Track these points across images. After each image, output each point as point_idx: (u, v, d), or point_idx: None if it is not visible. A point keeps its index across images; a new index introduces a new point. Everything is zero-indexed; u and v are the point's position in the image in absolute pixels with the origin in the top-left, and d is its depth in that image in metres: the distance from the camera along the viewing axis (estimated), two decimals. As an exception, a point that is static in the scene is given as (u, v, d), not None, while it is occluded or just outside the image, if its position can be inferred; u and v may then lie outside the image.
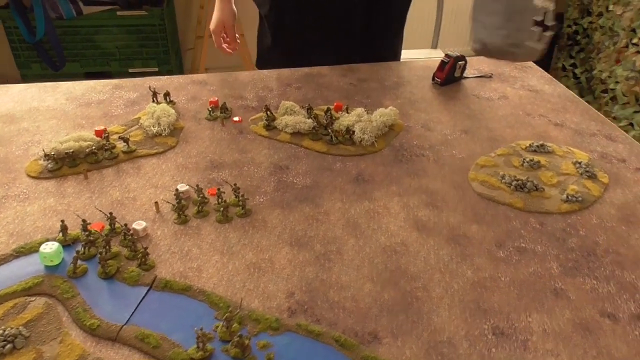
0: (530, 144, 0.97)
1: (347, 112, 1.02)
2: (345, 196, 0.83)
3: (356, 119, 0.98)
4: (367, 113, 1.00)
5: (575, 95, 1.18)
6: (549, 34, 0.91)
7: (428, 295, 0.67)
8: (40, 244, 0.70)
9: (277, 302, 0.65)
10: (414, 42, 2.95)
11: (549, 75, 1.27)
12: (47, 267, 0.69)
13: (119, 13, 2.20)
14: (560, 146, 0.98)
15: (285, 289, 0.67)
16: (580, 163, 0.92)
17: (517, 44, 0.89)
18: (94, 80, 1.16)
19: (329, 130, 0.96)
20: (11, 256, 0.70)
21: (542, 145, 0.97)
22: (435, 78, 1.19)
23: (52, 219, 0.77)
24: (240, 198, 0.79)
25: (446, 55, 1.18)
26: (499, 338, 0.61)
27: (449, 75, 1.18)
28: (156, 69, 2.36)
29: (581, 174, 0.90)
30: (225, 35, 1.37)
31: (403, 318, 0.63)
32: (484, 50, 0.90)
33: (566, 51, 2.94)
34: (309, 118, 0.99)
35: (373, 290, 0.67)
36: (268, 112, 1.01)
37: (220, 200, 0.79)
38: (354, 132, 0.95)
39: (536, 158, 0.93)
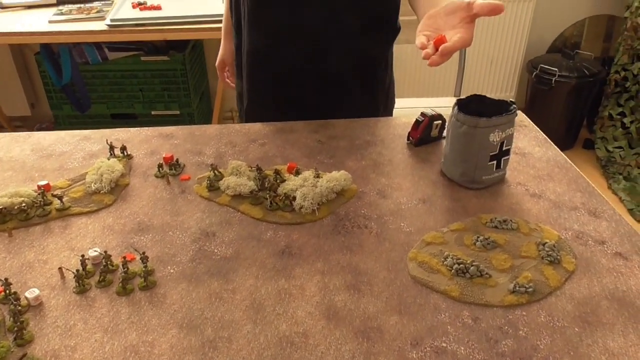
0: (492, 219, 0.87)
1: (296, 175, 0.96)
2: (262, 272, 0.77)
3: (301, 184, 0.91)
4: (316, 177, 0.94)
5: (568, 160, 1.06)
6: (507, 158, 0.96)
7: (308, 402, 0.58)
8: None
9: (138, 396, 0.59)
10: (437, 91, 2.86)
11: (544, 136, 1.15)
12: None
13: (142, 58, 2.28)
14: (528, 222, 0.87)
15: (153, 381, 0.61)
16: (544, 244, 0.81)
17: (473, 180, 0.95)
18: (65, 131, 1.16)
19: (268, 195, 0.90)
20: None
21: (505, 220, 0.86)
22: (410, 137, 1.11)
23: (-42, 280, 0.75)
24: (145, 269, 0.75)
25: (421, 113, 1.10)
26: None
27: (423, 135, 1.09)
28: (177, 112, 2.41)
29: (542, 257, 0.79)
30: (228, 71, 1.45)
31: None
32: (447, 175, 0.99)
33: (614, 99, 2.74)
34: (255, 179, 0.94)
35: (248, 391, 0.59)
36: (215, 172, 0.97)
37: (124, 269, 0.74)
38: (294, 197, 0.89)
39: (494, 236, 0.83)
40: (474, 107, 0.95)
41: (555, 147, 1.11)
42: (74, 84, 2.21)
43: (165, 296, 0.72)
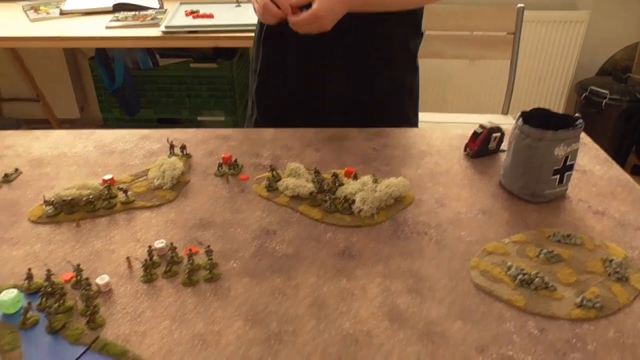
0: (554, 233, 0.85)
1: (354, 179, 0.96)
2: (323, 271, 0.77)
3: (359, 188, 0.92)
4: (374, 182, 0.94)
5: (631, 179, 1.03)
6: (570, 173, 0.95)
7: (375, 401, 0.58)
8: (6, 290, 0.70)
9: (207, 383, 0.60)
10: (483, 107, 2.83)
11: (605, 155, 1.13)
12: (4, 314, 0.69)
13: (192, 65, 2.34)
14: (593, 238, 0.85)
15: (221, 370, 0.61)
16: (611, 261, 0.79)
17: (534, 193, 0.94)
18: (126, 130, 1.20)
19: (327, 197, 0.91)
20: (-23, 301, 0.71)
21: (569, 235, 0.85)
22: (467, 149, 1.10)
23: (32, 264, 0.78)
24: (209, 262, 0.76)
25: (480, 125, 1.09)
26: None
27: (481, 147, 1.08)
28: (222, 119, 2.46)
29: (609, 274, 0.77)
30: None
31: None
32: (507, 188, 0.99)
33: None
34: (313, 182, 0.95)
35: (315, 386, 0.60)
36: (273, 173, 0.98)
37: (190, 261, 0.76)
38: (353, 201, 0.89)
39: (557, 250, 0.81)
40: (537, 120, 0.94)
41: (618, 166, 1.08)
42: (125, 88, 2.29)
43: (229, 289, 0.74)
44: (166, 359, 0.63)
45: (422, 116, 2.30)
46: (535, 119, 0.95)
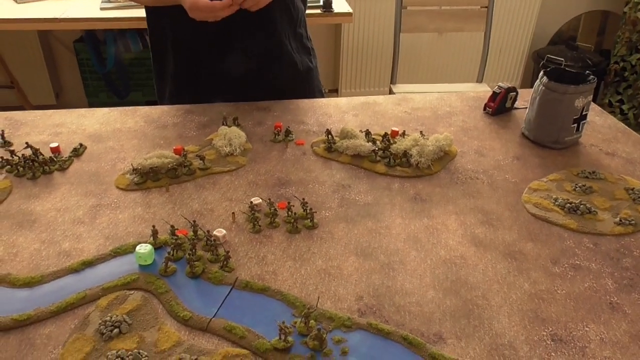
0: (582, 171, 1.01)
1: (404, 137, 1.09)
2: (404, 213, 0.89)
3: (413, 143, 1.04)
4: (423, 138, 1.07)
5: (627, 127, 1.22)
6: (585, 122, 1.10)
7: (488, 304, 0.71)
8: (134, 246, 0.78)
9: (347, 304, 0.71)
10: (460, 76, 3.02)
11: (599, 107, 1.31)
12: (141, 266, 0.77)
13: (180, 47, 2.36)
14: (612, 174, 1.02)
15: (354, 293, 0.73)
16: (632, 189, 0.96)
17: (557, 140, 1.09)
18: (168, 106, 1.26)
19: (387, 153, 1.02)
20: (109, 256, 0.78)
21: (593, 172, 1.01)
22: (487, 108, 1.25)
23: (141, 225, 0.85)
24: (309, 211, 0.86)
25: (498, 86, 1.24)
26: (558, 344, 0.65)
27: (500, 105, 1.23)
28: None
29: (634, 199, 0.94)
30: None
31: (465, 322, 0.68)
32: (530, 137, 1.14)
33: (613, 87, 2.95)
34: (367, 142, 1.06)
35: (436, 297, 0.72)
36: (329, 136, 1.08)
37: (290, 212, 0.86)
38: (411, 155, 1.02)
39: (588, 184, 0.97)
40: (554, 78, 1.09)
41: (612, 116, 1.26)
42: (116, 71, 2.28)
43: (331, 233, 0.84)
44: (303, 289, 0.73)
45: (402, 88, 2.46)
46: (552, 76, 1.10)
